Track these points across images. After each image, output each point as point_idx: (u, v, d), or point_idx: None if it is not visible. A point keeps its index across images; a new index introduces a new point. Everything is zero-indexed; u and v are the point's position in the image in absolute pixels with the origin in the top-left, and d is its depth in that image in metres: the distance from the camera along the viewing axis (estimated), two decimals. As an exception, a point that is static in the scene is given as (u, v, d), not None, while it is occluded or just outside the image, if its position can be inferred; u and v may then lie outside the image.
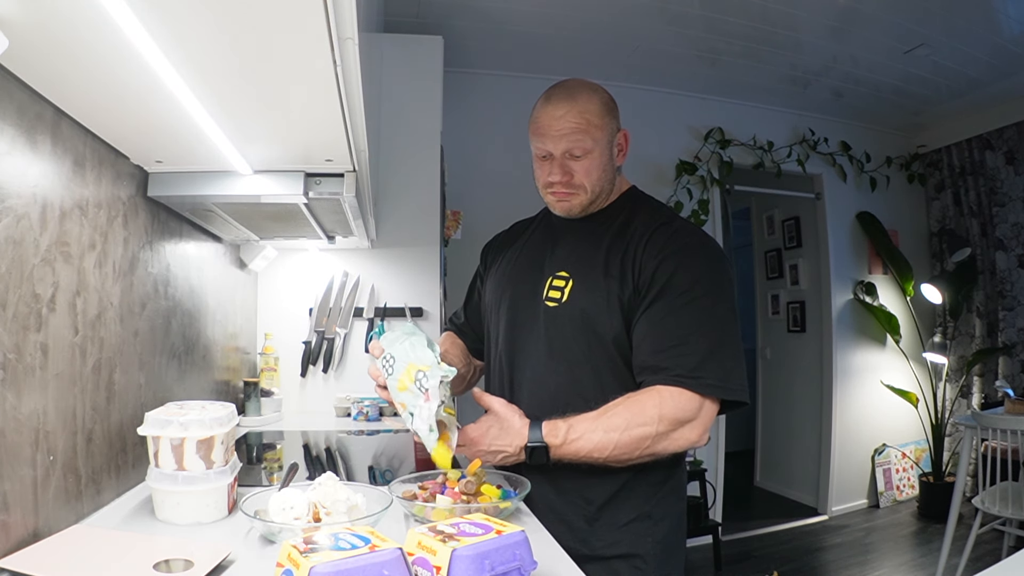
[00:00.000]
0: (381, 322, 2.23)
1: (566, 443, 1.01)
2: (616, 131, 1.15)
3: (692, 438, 1.02)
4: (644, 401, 1.01)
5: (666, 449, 1.02)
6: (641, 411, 1.00)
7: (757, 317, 4.68)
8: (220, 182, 1.22)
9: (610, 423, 1.00)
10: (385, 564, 0.58)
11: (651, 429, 0.99)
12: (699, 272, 1.06)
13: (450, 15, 2.72)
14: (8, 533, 0.75)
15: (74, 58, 0.75)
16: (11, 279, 0.77)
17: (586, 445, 1.00)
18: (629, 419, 1.00)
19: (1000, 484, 2.59)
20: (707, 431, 1.03)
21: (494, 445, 1.03)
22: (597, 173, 1.13)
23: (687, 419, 1.01)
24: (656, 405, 1.00)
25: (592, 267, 1.12)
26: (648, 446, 1.00)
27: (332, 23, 0.66)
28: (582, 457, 1.01)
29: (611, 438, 1.00)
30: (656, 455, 1.02)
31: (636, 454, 1.01)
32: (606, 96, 1.15)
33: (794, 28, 2.89)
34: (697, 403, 1.01)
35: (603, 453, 1.00)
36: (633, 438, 1.00)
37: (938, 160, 4.18)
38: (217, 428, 0.96)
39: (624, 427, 1.00)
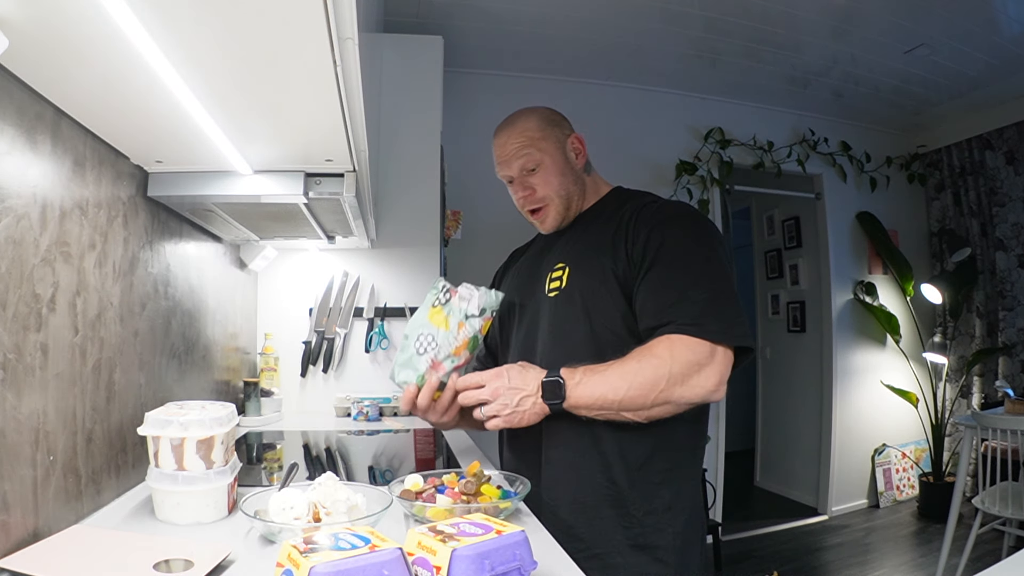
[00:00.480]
0: (381, 322, 2.23)
1: (581, 383, 1.02)
2: (565, 137, 1.23)
3: (708, 386, 1.00)
4: (654, 346, 1.02)
5: (682, 396, 1.00)
6: (652, 354, 1.01)
7: (757, 317, 4.68)
8: (220, 182, 1.22)
9: (623, 368, 1.01)
10: (385, 564, 0.58)
11: (664, 370, 0.99)
12: (689, 234, 1.09)
13: (450, 15, 2.72)
14: (8, 533, 0.75)
15: (74, 58, 0.75)
16: (11, 279, 0.77)
17: (600, 386, 1.01)
18: (641, 361, 1.01)
19: (1000, 484, 2.59)
20: (723, 381, 1.02)
21: (514, 381, 1.04)
22: (556, 179, 1.20)
23: (700, 362, 1.00)
24: (667, 348, 1.00)
25: (586, 251, 1.17)
26: (663, 389, 0.99)
27: (332, 23, 0.66)
28: (596, 399, 1.01)
29: (626, 378, 1.00)
30: (672, 403, 1.01)
31: (651, 398, 1.00)
32: (545, 112, 1.25)
33: (794, 28, 2.89)
34: (708, 348, 1.00)
35: (617, 394, 1.00)
36: (647, 379, 0.99)
37: (938, 160, 4.18)
38: (217, 428, 0.96)
39: (636, 369, 1.00)
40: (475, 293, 1.12)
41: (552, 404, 1.03)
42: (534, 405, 1.04)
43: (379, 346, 2.22)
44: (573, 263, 1.16)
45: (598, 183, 1.28)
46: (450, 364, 1.11)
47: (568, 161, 1.22)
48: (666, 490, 1.09)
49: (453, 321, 1.11)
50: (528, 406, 1.04)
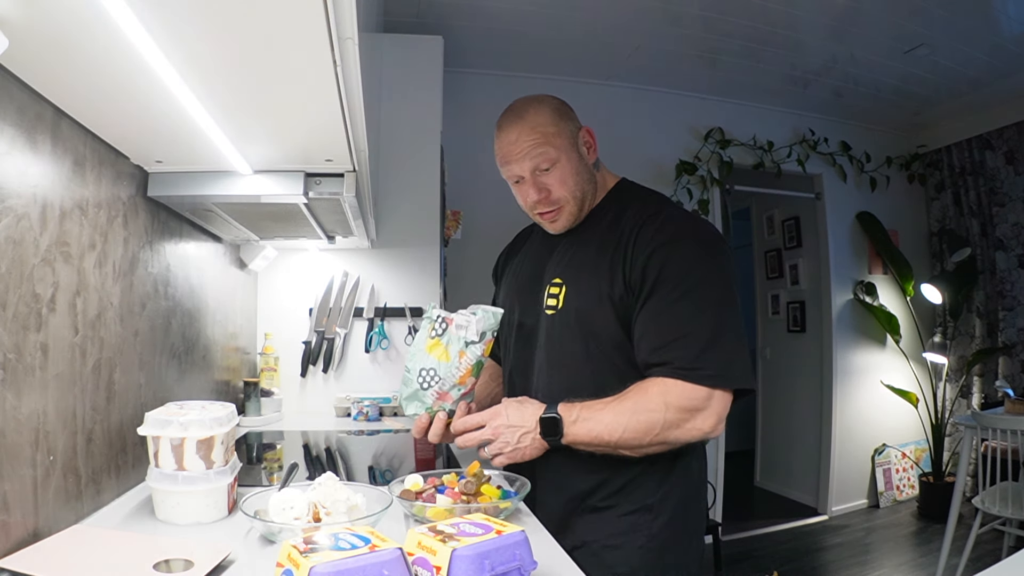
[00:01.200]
0: (381, 322, 2.23)
1: (579, 420, 1.02)
2: (576, 131, 1.15)
3: (705, 428, 1.00)
4: (648, 388, 1.01)
5: (678, 439, 1.01)
6: (647, 397, 1.00)
7: (757, 317, 4.68)
8: (220, 182, 1.22)
9: (619, 407, 1.01)
10: (385, 564, 0.58)
11: (659, 416, 0.99)
12: (691, 261, 1.04)
13: (450, 15, 2.71)
14: (8, 533, 0.75)
15: (74, 58, 0.75)
16: (11, 279, 0.77)
17: (597, 426, 1.01)
18: (636, 404, 1.00)
19: (1000, 484, 2.59)
20: (721, 421, 1.01)
21: (512, 419, 1.04)
22: (572, 179, 1.13)
23: (696, 408, 0.99)
24: (661, 393, 1.00)
25: (583, 269, 1.13)
26: (658, 433, 0.99)
27: (332, 23, 0.66)
28: (593, 438, 1.01)
29: (620, 421, 0.99)
30: (668, 444, 1.01)
31: (647, 440, 1.00)
32: (555, 102, 1.16)
33: (794, 28, 2.89)
34: (704, 393, 0.99)
35: (613, 436, 1.00)
36: (642, 423, 0.99)
37: (938, 160, 4.18)
38: (217, 428, 0.96)
39: (632, 410, 1.00)
40: (472, 319, 1.09)
41: (550, 440, 1.03)
42: (533, 441, 1.04)
43: (379, 346, 2.22)
44: (570, 282, 1.14)
45: (606, 177, 1.21)
46: (457, 393, 1.10)
47: (581, 158, 1.15)
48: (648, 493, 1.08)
49: (453, 351, 1.09)
50: (528, 442, 1.04)
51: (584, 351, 1.10)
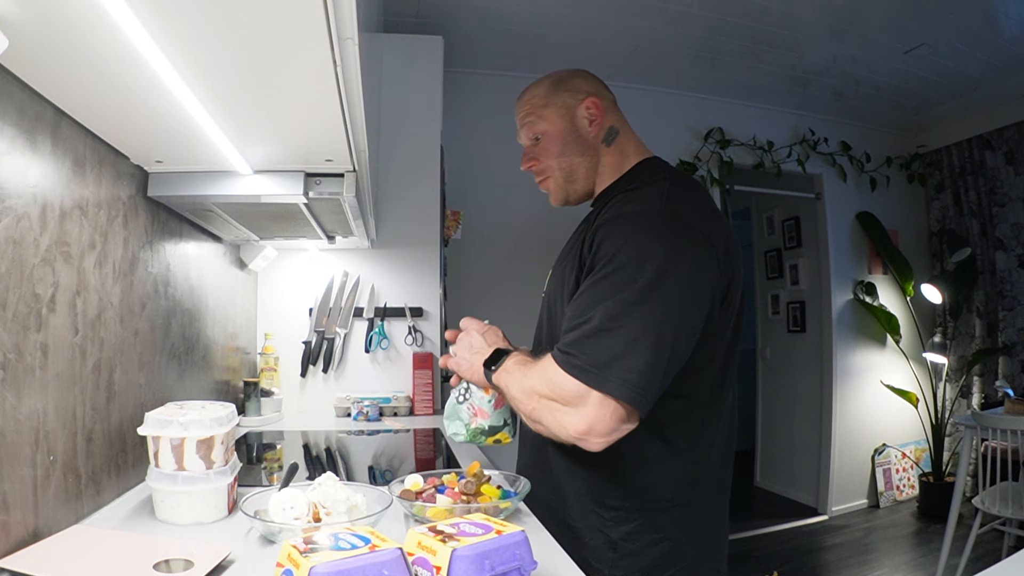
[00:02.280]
0: (381, 322, 2.23)
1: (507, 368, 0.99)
2: (577, 102, 1.09)
3: (570, 430, 0.86)
4: (542, 360, 0.93)
5: (549, 425, 0.90)
6: (540, 367, 0.92)
7: (757, 317, 4.68)
8: (220, 182, 1.22)
9: (528, 368, 0.95)
10: (385, 564, 0.58)
11: (539, 388, 0.91)
12: (626, 239, 0.90)
13: (450, 15, 2.72)
14: (8, 533, 0.75)
15: (74, 58, 0.75)
16: (11, 279, 0.77)
17: (511, 379, 0.97)
18: (533, 370, 0.93)
19: (1000, 484, 2.59)
20: (594, 432, 0.84)
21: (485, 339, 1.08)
22: (556, 147, 1.09)
23: (565, 400, 0.86)
24: (543, 368, 0.91)
25: (565, 252, 1.11)
26: (535, 408, 0.92)
27: (332, 23, 0.66)
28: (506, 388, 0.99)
29: (518, 383, 0.95)
30: (543, 426, 0.91)
31: (527, 409, 0.93)
32: (560, 75, 1.13)
33: (794, 28, 2.89)
34: (574, 387, 0.85)
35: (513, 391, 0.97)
36: (524, 388, 0.94)
37: (938, 160, 4.18)
38: (217, 428, 0.96)
39: (527, 375, 0.94)
40: None
41: (486, 370, 1.03)
42: (477, 363, 1.05)
43: (379, 346, 2.22)
44: (555, 265, 1.12)
45: (624, 156, 1.11)
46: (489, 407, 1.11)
47: (576, 129, 1.09)
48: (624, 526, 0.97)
49: None
50: (476, 361, 1.06)
51: (549, 336, 1.07)
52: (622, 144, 1.12)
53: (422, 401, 2.16)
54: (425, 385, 2.17)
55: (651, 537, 0.97)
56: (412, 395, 2.18)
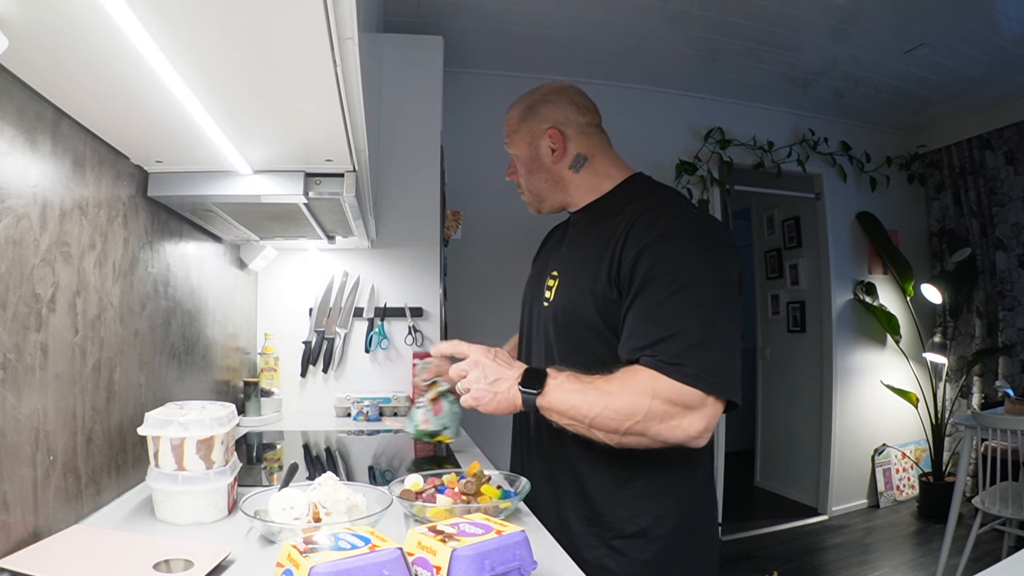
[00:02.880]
0: (381, 322, 2.23)
1: (561, 386, 0.97)
2: (541, 132, 1.16)
3: (691, 431, 0.93)
4: (638, 372, 0.95)
5: (659, 434, 0.94)
6: (635, 381, 0.94)
7: (757, 317, 4.68)
8: (220, 182, 1.22)
9: (603, 387, 0.95)
10: (385, 564, 0.58)
11: (644, 403, 0.93)
12: (683, 259, 0.98)
13: (450, 15, 2.72)
14: (8, 533, 0.75)
15: (74, 58, 0.75)
16: (11, 279, 0.77)
17: (576, 396, 0.96)
18: (622, 385, 0.95)
19: (1000, 484, 2.59)
20: (709, 429, 0.94)
21: (500, 359, 1.01)
22: (523, 171, 1.21)
23: (687, 406, 0.93)
24: (651, 380, 0.93)
25: (575, 263, 1.12)
26: (639, 421, 0.93)
27: (332, 23, 0.66)
28: (570, 408, 0.96)
29: (602, 399, 0.94)
30: (648, 437, 0.94)
31: (625, 426, 0.94)
32: (529, 100, 1.19)
33: (794, 28, 2.89)
34: (695, 395, 0.92)
35: (592, 411, 0.94)
36: (623, 406, 0.93)
37: (938, 160, 4.18)
38: (217, 428, 0.96)
39: (616, 392, 0.94)
40: None
41: (526, 394, 0.98)
42: (509, 390, 0.99)
43: (379, 346, 2.22)
44: (563, 275, 1.14)
45: (599, 178, 1.16)
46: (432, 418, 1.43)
47: (539, 157, 1.16)
48: (642, 516, 1.04)
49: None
50: (502, 389, 0.99)
51: (570, 346, 1.09)
52: (595, 168, 1.18)
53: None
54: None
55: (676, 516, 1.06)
56: (412, 395, 2.17)
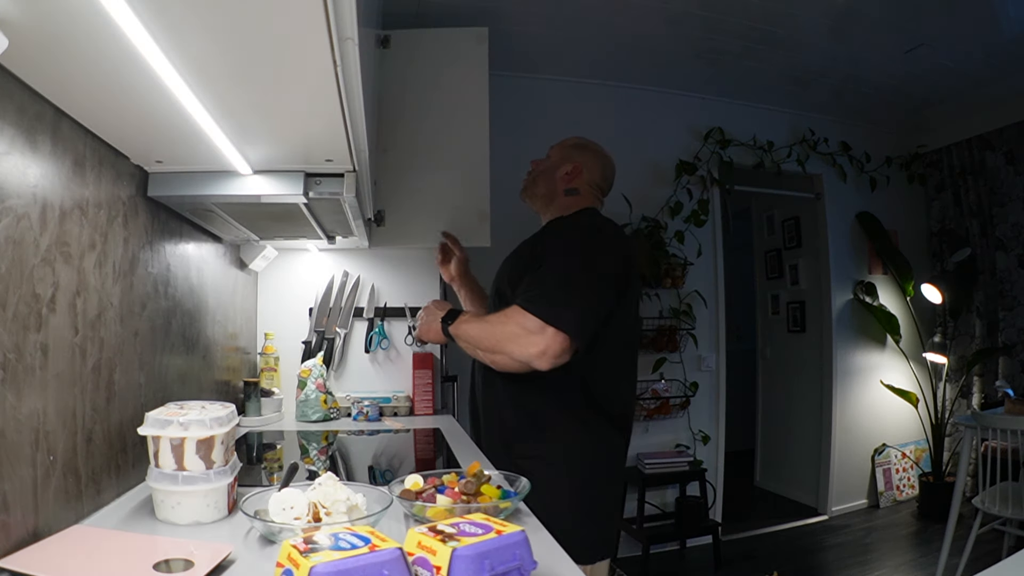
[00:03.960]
0: (381, 322, 2.23)
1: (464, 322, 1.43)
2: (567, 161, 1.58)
3: (531, 351, 1.26)
4: (508, 311, 1.32)
5: (512, 352, 1.29)
6: (502, 314, 1.33)
7: (757, 317, 4.68)
8: (220, 182, 1.22)
9: (488, 318, 1.38)
10: (385, 564, 0.58)
11: (500, 327, 1.31)
12: (565, 239, 1.41)
13: (450, 16, 2.71)
14: (8, 533, 0.75)
15: (74, 58, 0.75)
16: (11, 279, 0.77)
17: (471, 327, 1.41)
18: (496, 316, 1.35)
19: (1000, 484, 2.59)
20: (546, 355, 1.25)
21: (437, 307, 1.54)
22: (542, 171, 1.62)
23: (529, 331, 1.26)
24: (509, 312, 1.31)
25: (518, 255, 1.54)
26: (499, 340, 1.31)
27: (332, 23, 0.66)
28: (466, 335, 1.41)
29: (483, 327, 1.37)
30: (504, 354, 1.31)
31: (492, 344, 1.33)
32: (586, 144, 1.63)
33: (794, 28, 2.89)
34: (536, 322, 1.25)
35: (479, 336, 1.38)
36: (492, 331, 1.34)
37: (938, 160, 4.18)
38: (217, 428, 0.96)
39: (492, 320, 1.36)
40: None
41: (443, 324, 1.46)
42: (435, 321, 1.49)
43: (379, 346, 2.22)
44: (507, 260, 1.57)
45: (573, 204, 1.54)
46: None
47: (555, 173, 1.58)
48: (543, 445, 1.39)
49: None
50: (432, 322, 1.50)
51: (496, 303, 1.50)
52: (577, 200, 1.56)
53: (422, 401, 2.16)
54: (425, 385, 2.17)
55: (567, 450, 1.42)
56: (412, 395, 2.18)
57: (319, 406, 1.99)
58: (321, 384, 2.02)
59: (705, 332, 3.56)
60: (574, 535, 1.19)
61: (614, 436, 1.45)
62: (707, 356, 3.56)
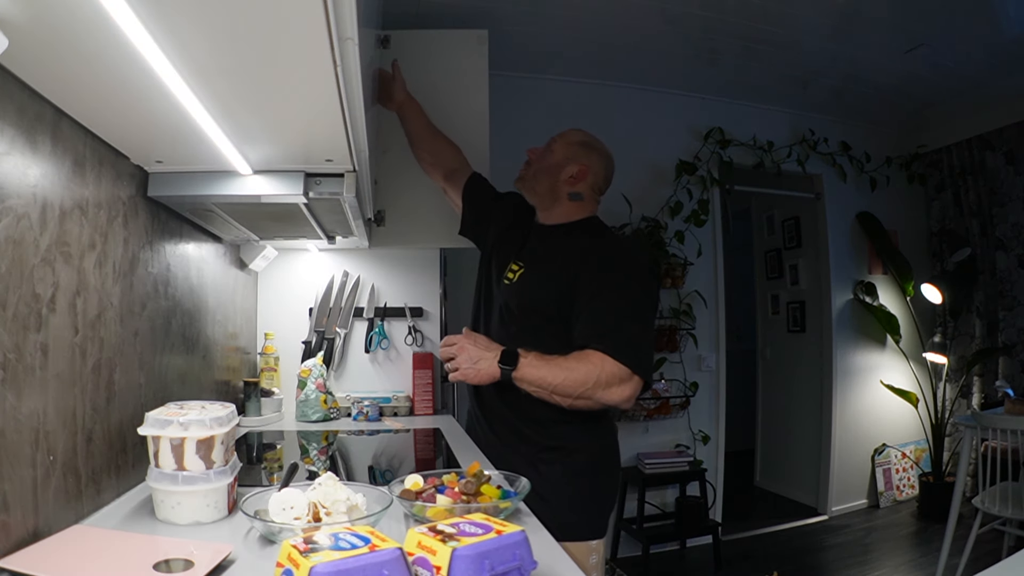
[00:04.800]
0: (381, 322, 2.23)
1: (531, 363, 1.34)
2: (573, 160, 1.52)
3: (623, 396, 1.33)
4: (591, 356, 1.33)
5: (601, 398, 1.33)
6: (589, 361, 1.33)
7: (757, 317, 4.68)
8: (220, 182, 1.22)
9: (565, 363, 1.34)
10: (385, 564, 0.58)
11: (594, 375, 1.32)
12: (625, 279, 1.40)
13: (450, 17, 2.71)
14: (8, 533, 0.75)
15: (74, 58, 0.75)
16: (11, 279, 0.77)
17: (543, 371, 1.34)
18: (579, 364, 1.33)
19: (1000, 484, 2.59)
20: (633, 397, 1.35)
21: (480, 344, 1.40)
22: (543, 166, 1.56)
23: (622, 379, 1.33)
24: (600, 360, 1.32)
25: (538, 262, 1.50)
26: (590, 388, 1.32)
27: (332, 23, 0.66)
28: (537, 379, 1.34)
29: (563, 372, 1.33)
30: (593, 400, 1.33)
31: (579, 391, 1.32)
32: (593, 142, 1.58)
33: (794, 28, 2.89)
34: (628, 372, 1.32)
35: (555, 380, 1.33)
36: (579, 376, 1.32)
37: (938, 160, 4.18)
38: (217, 428, 0.96)
39: (574, 368, 1.33)
40: None
41: (504, 369, 1.35)
42: (490, 366, 1.36)
43: (379, 346, 2.22)
44: (528, 268, 1.51)
45: (575, 212, 1.53)
46: None
47: (559, 169, 1.52)
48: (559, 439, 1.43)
49: None
50: (484, 366, 1.36)
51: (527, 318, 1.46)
52: (582, 206, 1.55)
53: (422, 401, 2.16)
54: (425, 385, 2.16)
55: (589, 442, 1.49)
56: (412, 395, 2.17)
57: (319, 406, 1.99)
58: (321, 384, 2.02)
59: (705, 332, 3.56)
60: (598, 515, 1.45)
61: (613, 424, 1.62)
62: (707, 356, 3.57)
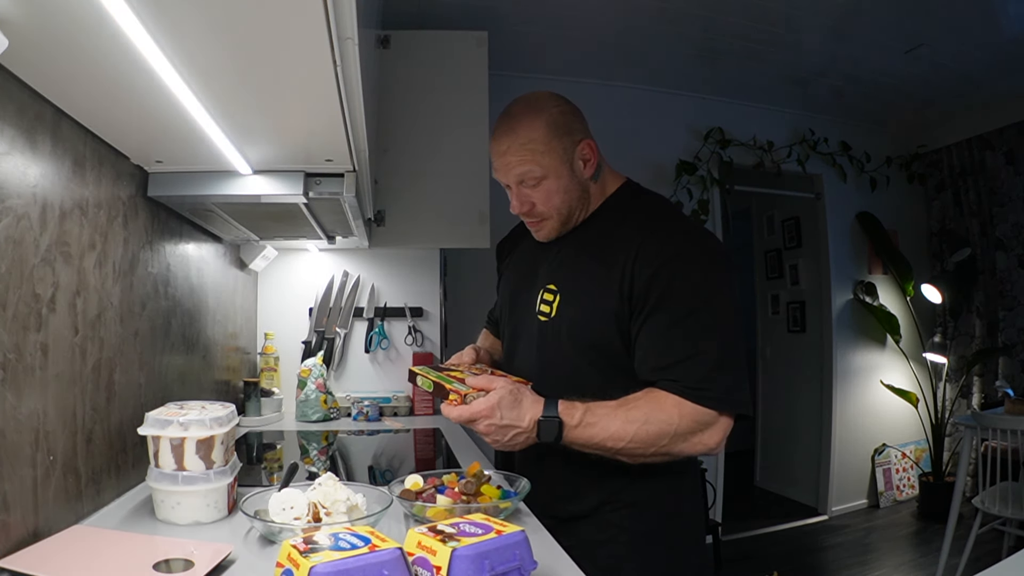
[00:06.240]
0: (381, 322, 2.23)
1: (582, 425, 0.96)
2: (573, 146, 1.09)
3: (710, 444, 0.99)
4: (663, 400, 0.98)
5: (683, 451, 0.99)
6: (660, 408, 0.97)
7: (757, 317, 4.68)
8: (220, 182, 1.22)
9: (630, 414, 0.96)
10: (385, 564, 0.58)
11: (671, 427, 0.96)
12: (698, 279, 1.01)
13: (450, 17, 2.71)
14: (8, 533, 0.75)
15: (74, 58, 0.75)
16: (11, 279, 0.77)
17: (602, 432, 0.96)
18: (649, 413, 0.97)
19: (1000, 484, 2.58)
20: (724, 440, 1.00)
21: (506, 418, 0.96)
22: (558, 197, 1.10)
23: (707, 423, 0.98)
24: (676, 405, 0.97)
25: (579, 279, 1.11)
26: (666, 444, 0.97)
27: (332, 23, 0.66)
28: (596, 444, 0.97)
29: (629, 429, 0.96)
30: (672, 455, 0.99)
31: (652, 450, 0.97)
32: (553, 113, 1.09)
33: (794, 28, 2.89)
34: (713, 415, 0.98)
35: (619, 443, 0.96)
36: (652, 433, 0.96)
37: (938, 160, 4.18)
38: (217, 428, 0.96)
39: (644, 420, 0.96)
40: None
41: (546, 442, 0.98)
42: (527, 440, 0.99)
43: (379, 346, 2.22)
44: (564, 290, 1.11)
45: (606, 184, 1.16)
46: None
47: (574, 173, 1.10)
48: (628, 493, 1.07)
49: None
50: (521, 441, 0.99)
51: (576, 360, 1.08)
52: (604, 176, 1.17)
53: (422, 401, 2.16)
54: (425, 385, 2.16)
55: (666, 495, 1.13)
56: (412, 395, 2.17)
57: (319, 406, 1.99)
58: (321, 384, 2.02)
59: (705, 332, 3.55)
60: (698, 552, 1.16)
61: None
62: (707, 356, 3.56)
